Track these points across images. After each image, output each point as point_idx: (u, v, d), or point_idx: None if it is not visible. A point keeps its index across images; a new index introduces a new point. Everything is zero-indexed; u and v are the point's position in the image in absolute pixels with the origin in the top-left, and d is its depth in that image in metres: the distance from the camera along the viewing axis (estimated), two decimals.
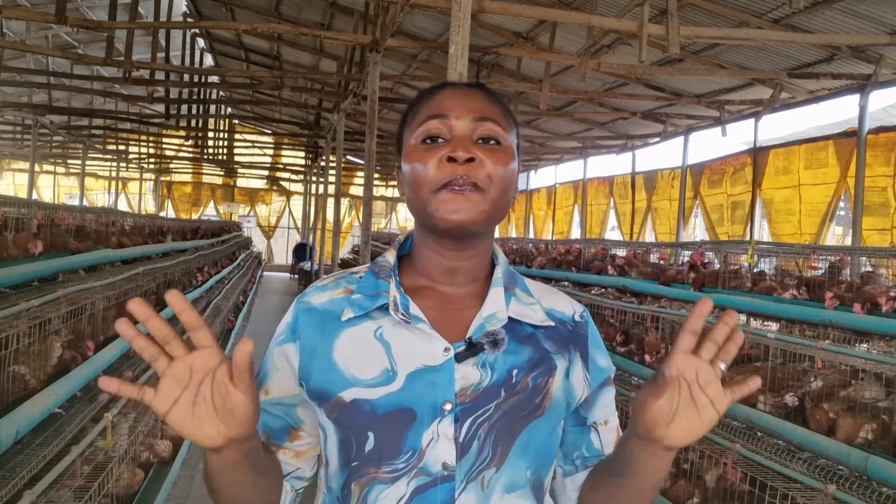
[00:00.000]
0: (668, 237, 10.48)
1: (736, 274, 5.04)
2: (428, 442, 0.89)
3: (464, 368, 0.92)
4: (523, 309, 0.98)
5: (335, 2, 9.74)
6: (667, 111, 9.76)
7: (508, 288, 1.00)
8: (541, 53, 7.53)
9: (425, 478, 0.89)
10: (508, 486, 0.91)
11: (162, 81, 10.79)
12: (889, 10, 5.51)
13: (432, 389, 0.90)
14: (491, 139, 0.95)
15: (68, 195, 22.79)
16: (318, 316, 0.98)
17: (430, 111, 0.96)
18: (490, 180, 0.92)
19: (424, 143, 0.95)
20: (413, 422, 0.89)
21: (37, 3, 10.65)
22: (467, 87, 1.00)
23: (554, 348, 0.99)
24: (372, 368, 0.92)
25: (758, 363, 4.26)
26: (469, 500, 0.89)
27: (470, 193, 0.91)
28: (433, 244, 0.98)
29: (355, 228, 23.39)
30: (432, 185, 0.92)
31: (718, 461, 3.78)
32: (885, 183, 6.67)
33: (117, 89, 13.69)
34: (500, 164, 0.93)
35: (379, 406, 0.90)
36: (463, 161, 0.91)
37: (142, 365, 4.92)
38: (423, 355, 0.92)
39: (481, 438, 0.90)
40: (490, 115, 0.96)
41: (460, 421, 0.90)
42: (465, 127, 0.94)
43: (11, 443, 2.68)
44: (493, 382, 0.92)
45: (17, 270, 3.66)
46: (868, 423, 3.24)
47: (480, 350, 0.93)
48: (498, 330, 0.95)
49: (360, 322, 0.95)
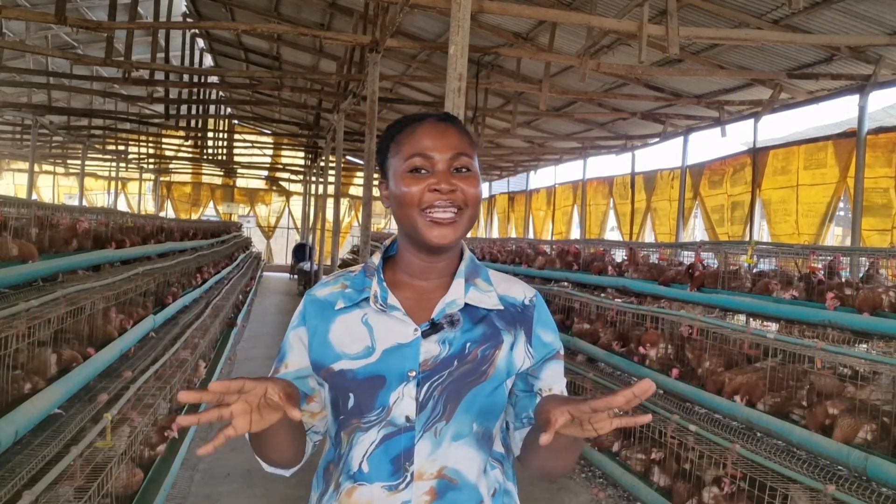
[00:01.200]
0: (667, 237, 10.48)
1: (735, 274, 5.03)
2: (394, 400, 1.15)
3: (428, 344, 1.18)
4: (480, 295, 1.24)
5: (335, 2, 9.74)
6: (666, 111, 9.76)
7: (469, 279, 1.26)
8: (540, 54, 7.53)
9: (392, 427, 1.15)
10: (455, 435, 1.16)
11: (161, 82, 10.79)
12: (888, 11, 5.52)
13: (402, 361, 1.17)
14: (464, 168, 1.21)
15: (68, 195, 22.78)
16: (320, 305, 1.26)
17: (415, 149, 1.20)
18: (467, 202, 1.19)
19: (412, 173, 1.20)
20: (384, 385, 1.16)
21: (36, 4, 10.65)
22: (442, 122, 1.24)
23: (503, 326, 1.24)
24: (357, 346, 1.20)
25: (757, 364, 4.26)
26: (425, 445, 1.15)
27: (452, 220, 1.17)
28: (414, 250, 1.24)
29: (355, 228, 23.40)
30: (421, 205, 1.18)
31: (718, 462, 3.78)
32: (886, 184, 6.68)
33: (117, 89, 13.68)
34: (471, 187, 1.20)
35: (358, 374, 1.18)
36: (447, 192, 1.17)
37: (140, 366, 4.92)
38: (398, 335, 1.19)
39: (435, 398, 1.16)
40: (462, 149, 1.21)
41: (421, 385, 1.16)
42: (444, 163, 1.19)
43: (11, 443, 2.68)
44: (450, 354, 1.18)
45: (17, 271, 3.66)
46: (868, 424, 3.24)
47: (441, 328, 1.19)
48: (455, 312, 1.20)
49: (351, 310, 1.23)
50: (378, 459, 1.15)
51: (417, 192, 1.18)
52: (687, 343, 4.92)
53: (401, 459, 1.14)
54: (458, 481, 1.15)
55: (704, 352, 4.59)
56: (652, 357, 5.10)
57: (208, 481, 4.52)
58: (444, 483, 1.15)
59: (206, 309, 7.92)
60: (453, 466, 1.16)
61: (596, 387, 5.52)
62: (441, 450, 1.15)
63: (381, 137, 1.29)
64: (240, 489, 4.41)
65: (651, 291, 5.88)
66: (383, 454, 1.15)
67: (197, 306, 7.93)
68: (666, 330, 5.20)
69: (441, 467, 1.15)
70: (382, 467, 1.15)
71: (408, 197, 1.18)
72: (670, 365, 4.90)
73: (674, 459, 4.28)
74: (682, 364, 4.87)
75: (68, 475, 2.88)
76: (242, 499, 4.28)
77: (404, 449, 1.15)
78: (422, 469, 1.14)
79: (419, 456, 1.14)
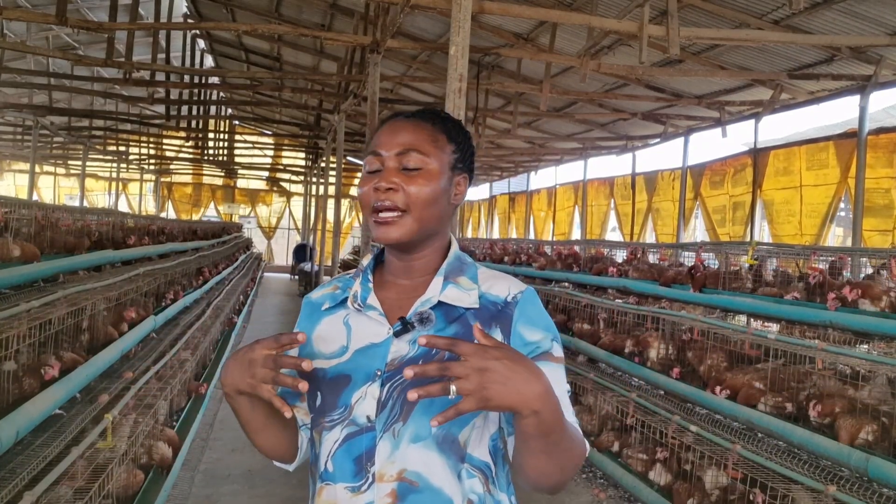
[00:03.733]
0: (669, 238, 10.48)
1: (736, 275, 5.03)
2: (357, 399, 1.14)
3: (399, 344, 1.16)
4: (458, 293, 1.20)
5: (335, 3, 9.74)
6: (667, 112, 9.76)
7: (450, 277, 1.22)
8: (541, 54, 7.53)
9: (354, 427, 1.14)
10: (413, 437, 1.12)
11: (162, 82, 10.80)
12: (889, 11, 5.51)
13: (370, 360, 1.16)
14: (412, 166, 1.17)
15: (69, 196, 22.79)
16: (311, 307, 1.29)
17: (371, 147, 1.21)
18: (410, 202, 1.16)
19: (369, 174, 1.20)
20: (349, 384, 1.16)
21: (37, 4, 10.66)
22: (406, 119, 1.22)
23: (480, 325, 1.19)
24: (333, 346, 1.21)
25: (759, 364, 4.26)
26: (385, 446, 1.13)
27: (393, 220, 1.16)
28: (390, 249, 1.24)
29: (355, 229, 23.41)
30: (368, 208, 1.19)
31: (719, 462, 3.78)
32: (888, 185, 6.68)
33: (118, 90, 13.69)
34: (415, 186, 1.16)
35: (328, 372, 1.18)
36: (384, 190, 1.16)
37: (141, 367, 4.92)
38: (372, 335, 1.18)
39: (394, 398, 1.13)
40: (413, 145, 1.18)
41: (384, 385, 1.14)
42: (392, 160, 1.18)
43: (12, 443, 2.68)
44: (416, 354, 1.15)
45: (18, 271, 3.66)
46: (869, 424, 3.24)
47: (412, 328, 1.16)
48: (426, 311, 1.17)
49: (336, 311, 1.24)
50: (341, 459, 1.14)
51: (367, 193, 1.18)
52: (687, 344, 4.92)
53: (363, 460, 1.13)
54: (419, 484, 1.11)
55: (705, 352, 4.59)
56: (653, 358, 5.10)
57: (209, 482, 4.52)
58: (404, 486, 1.11)
59: (206, 310, 7.92)
60: (413, 469, 1.12)
61: (596, 387, 5.52)
62: (399, 451, 1.12)
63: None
64: (241, 490, 4.41)
65: (652, 292, 5.88)
66: (346, 454, 1.14)
67: (198, 307, 7.93)
68: (667, 330, 5.19)
69: (401, 469, 1.12)
70: (345, 467, 1.13)
71: (362, 198, 1.20)
72: (671, 365, 4.89)
73: (674, 460, 4.28)
74: (682, 365, 4.87)
75: (69, 476, 2.88)
76: (243, 499, 4.27)
77: (366, 449, 1.13)
78: (382, 470, 1.12)
79: (380, 457, 1.12)
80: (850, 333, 4.09)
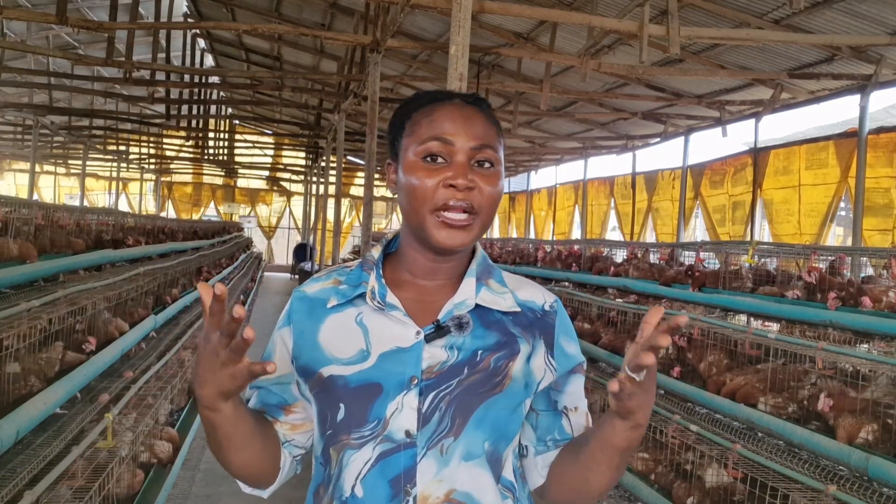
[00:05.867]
0: (669, 237, 10.48)
1: (736, 274, 5.03)
2: (392, 412, 1.00)
3: (432, 349, 1.03)
4: (493, 297, 1.09)
5: (336, 2, 9.74)
6: (667, 111, 9.75)
7: (481, 279, 1.10)
8: (541, 54, 7.53)
9: (389, 444, 0.99)
10: (465, 454, 1.00)
11: (162, 82, 10.80)
12: (889, 11, 5.51)
13: (401, 367, 1.02)
14: (486, 162, 1.04)
15: (69, 195, 22.78)
16: (309, 303, 1.11)
17: (433, 131, 1.04)
18: (483, 203, 1.03)
19: (425, 161, 1.03)
20: (379, 394, 1.01)
21: (37, 4, 10.66)
22: (468, 104, 1.07)
23: (520, 332, 1.08)
24: (349, 349, 1.04)
25: (759, 364, 4.26)
26: (429, 465, 0.99)
27: (465, 224, 1.02)
28: (419, 248, 1.08)
29: (356, 229, 23.39)
30: (432, 204, 1.02)
31: (719, 462, 3.78)
32: (888, 184, 6.68)
33: (118, 90, 13.69)
34: (491, 186, 1.04)
35: (351, 381, 1.02)
36: (463, 188, 1.01)
37: (141, 366, 4.92)
38: (397, 338, 1.03)
39: (442, 410, 1.00)
40: (487, 140, 1.05)
41: (424, 395, 1.00)
42: (465, 153, 1.03)
43: (12, 443, 2.68)
44: (458, 361, 1.03)
45: (18, 271, 3.66)
46: (869, 424, 3.24)
47: (447, 332, 1.03)
48: (464, 314, 1.05)
49: (344, 308, 1.07)
50: (374, 481, 0.99)
51: (431, 187, 1.01)
52: (687, 343, 4.92)
53: (401, 481, 0.99)
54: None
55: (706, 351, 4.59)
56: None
57: (209, 481, 4.52)
58: None
59: None
60: (464, 489, 1.00)
61: (596, 386, 5.51)
62: (449, 469, 0.99)
63: (395, 111, 1.12)
64: (240, 490, 4.40)
65: (652, 291, 5.88)
66: (380, 475, 0.99)
67: (198, 306, 7.93)
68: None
69: (449, 490, 0.99)
70: (379, 490, 0.99)
71: (420, 191, 1.02)
72: (671, 365, 4.89)
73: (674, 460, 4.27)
74: (682, 364, 4.87)
75: (69, 475, 2.88)
76: (243, 499, 4.27)
77: (404, 469, 0.99)
78: (426, 492, 0.98)
79: (422, 477, 0.99)
80: (849, 333, 4.09)
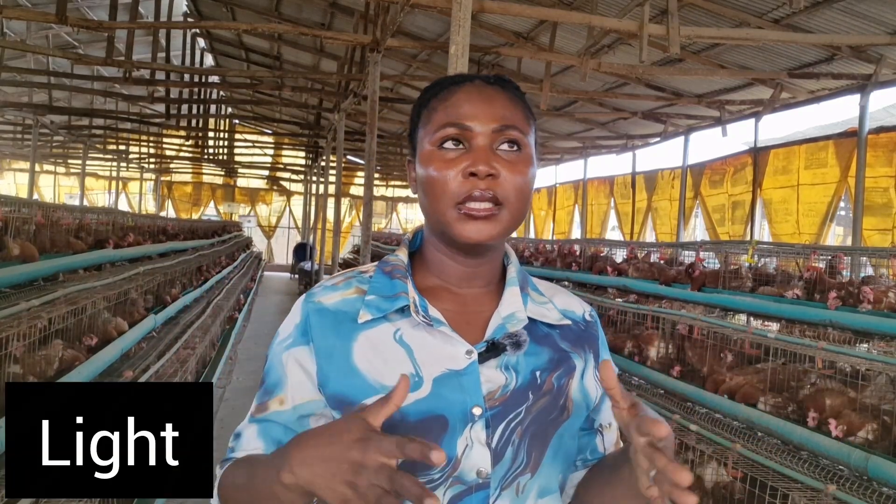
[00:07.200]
0: (668, 237, 10.48)
1: (736, 274, 5.03)
2: (463, 449, 0.87)
3: (487, 371, 0.90)
4: (539, 308, 0.97)
5: (335, 2, 9.74)
6: (667, 111, 9.75)
7: (523, 287, 0.98)
8: (541, 53, 7.53)
9: (461, 486, 0.86)
10: (541, 491, 0.90)
11: (162, 81, 10.79)
12: (889, 10, 5.51)
13: (460, 394, 0.88)
14: (514, 144, 0.91)
15: (69, 195, 22.78)
16: (332, 317, 0.93)
17: (449, 117, 0.92)
18: (510, 193, 0.90)
19: (441, 149, 0.91)
20: (446, 429, 0.87)
21: (37, 3, 10.65)
22: (488, 84, 0.95)
23: (570, 348, 0.97)
24: (395, 373, 0.84)
25: (759, 364, 4.26)
26: None
27: (490, 214, 0.89)
28: (447, 250, 0.95)
29: (355, 228, 23.38)
30: (452, 198, 0.89)
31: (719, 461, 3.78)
32: (887, 183, 6.68)
33: (118, 89, 13.68)
34: (520, 175, 0.90)
35: (409, 414, 0.86)
36: (484, 176, 0.88)
37: (141, 365, 4.92)
38: (446, 359, 0.89)
39: (515, 444, 0.88)
40: (512, 121, 0.92)
41: (492, 426, 0.88)
42: (486, 137, 0.90)
43: None
44: (520, 385, 0.90)
45: (18, 270, 3.66)
46: (869, 423, 3.24)
47: (503, 350, 0.91)
48: (520, 331, 0.93)
49: (378, 324, 0.92)
50: None
51: (450, 178, 0.89)
52: (687, 342, 4.92)
53: None
54: None
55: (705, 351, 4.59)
56: (652, 357, 5.10)
57: None
58: None
59: (206, 308, 7.92)
60: None
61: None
62: None
63: (414, 104, 1.00)
64: None
65: (652, 291, 5.88)
66: None
67: (198, 306, 7.94)
68: (666, 330, 5.19)
69: None
70: None
71: (438, 184, 0.90)
72: (671, 364, 4.90)
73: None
74: (682, 364, 4.87)
75: None
76: None
77: None
78: None
79: None
80: (849, 332, 4.09)
